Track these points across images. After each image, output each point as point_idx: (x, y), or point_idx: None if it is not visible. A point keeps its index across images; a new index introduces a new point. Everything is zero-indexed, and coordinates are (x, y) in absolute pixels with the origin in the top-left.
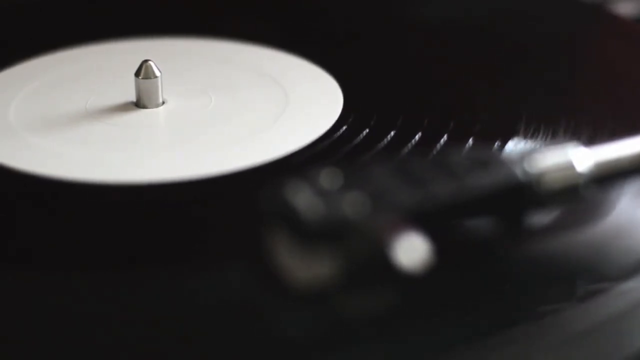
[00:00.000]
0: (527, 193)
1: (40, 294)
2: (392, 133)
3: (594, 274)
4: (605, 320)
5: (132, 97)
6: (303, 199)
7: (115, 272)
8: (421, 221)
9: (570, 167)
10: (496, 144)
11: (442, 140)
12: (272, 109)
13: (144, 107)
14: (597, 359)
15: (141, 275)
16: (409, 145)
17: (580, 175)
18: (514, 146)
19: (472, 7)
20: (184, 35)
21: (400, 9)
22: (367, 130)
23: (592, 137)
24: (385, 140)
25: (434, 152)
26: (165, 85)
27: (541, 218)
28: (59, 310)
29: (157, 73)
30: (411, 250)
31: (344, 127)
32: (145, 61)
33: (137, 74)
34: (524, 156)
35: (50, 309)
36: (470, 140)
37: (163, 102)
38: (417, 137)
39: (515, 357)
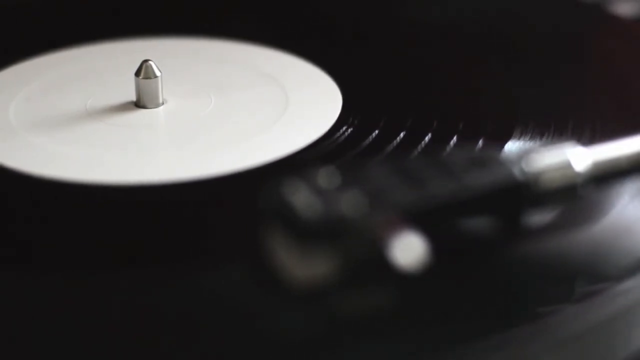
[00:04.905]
0: (525, 193)
1: (39, 294)
2: (389, 132)
3: (593, 274)
4: (605, 320)
5: (132, 97)
6: (301, 197)
7: (114, 273)
8: (419, 220)
9: (569, 166)
10: (495, 143)
11: (442, 141)
12: (271, 109)
13: (144, 107)
14: (597, 359)
15: (141, 276)
16: (408, 145)
17: (578, 174)
18: (513, 146)
19: (472, 7)
20: (184, 35)
21: (400, 9)
22: (363, 130)
23: (591, 136)
24: (383, 140)
25: (433, 151)
26: (165, 85)
27: (539, 218)
28: (58, 310)
29: (157, 73)
30: (409, 249)
31: (345, 128)
32: (145, 61)
33: (137, 74)
34: (522, 156)
35: (50, 309)
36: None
37: (163, 102)
38: (413, 136)
39: (515, 357)
